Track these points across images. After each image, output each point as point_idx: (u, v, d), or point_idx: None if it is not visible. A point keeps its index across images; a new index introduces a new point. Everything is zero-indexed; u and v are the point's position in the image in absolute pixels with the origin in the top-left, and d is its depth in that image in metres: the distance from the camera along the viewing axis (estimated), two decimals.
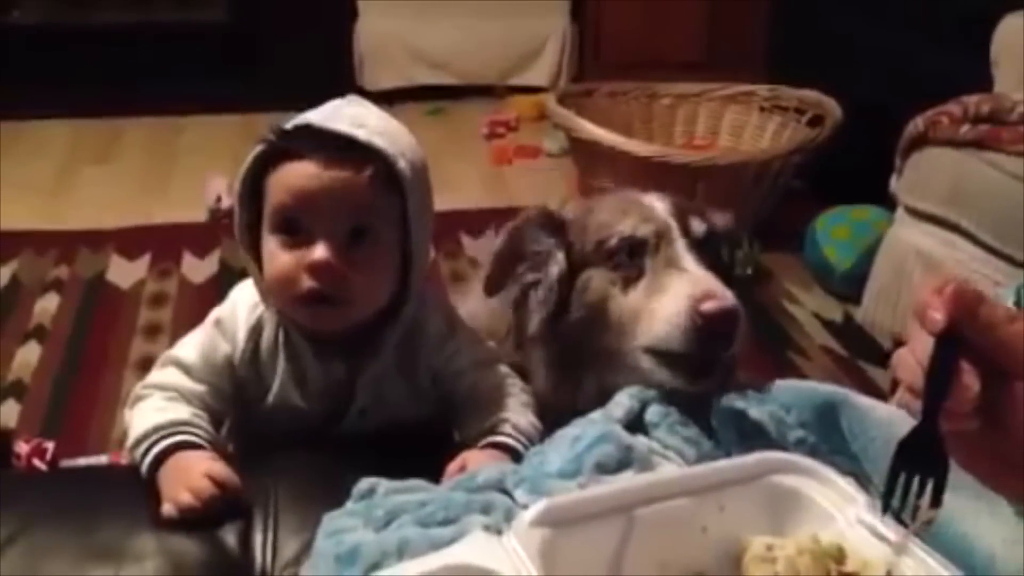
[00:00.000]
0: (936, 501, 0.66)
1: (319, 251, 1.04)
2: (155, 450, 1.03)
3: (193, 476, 1.00)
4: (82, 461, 1.86)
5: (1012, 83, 2.29)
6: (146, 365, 1.77)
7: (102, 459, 1.87)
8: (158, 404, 1.09)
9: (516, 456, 1.05)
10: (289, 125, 1.08)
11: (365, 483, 0.91)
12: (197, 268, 2.79)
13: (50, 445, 1.82)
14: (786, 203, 2.93)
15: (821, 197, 2.90)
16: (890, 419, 0.87)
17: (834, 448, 0.95)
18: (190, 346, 1.14)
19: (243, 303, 1.16)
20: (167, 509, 0.99)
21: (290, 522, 0.99)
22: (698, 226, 1.15)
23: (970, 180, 2.15)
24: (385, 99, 3.33)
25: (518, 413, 1.14)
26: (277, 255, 1.07)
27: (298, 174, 1.05)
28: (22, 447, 1.79)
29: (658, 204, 1.17)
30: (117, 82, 3.77)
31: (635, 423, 0.97)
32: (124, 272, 2.76)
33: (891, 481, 0.67)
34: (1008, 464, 0.67)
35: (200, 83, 3.77)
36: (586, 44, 4.08)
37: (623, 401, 0.97)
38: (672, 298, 1.06)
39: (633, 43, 3.94)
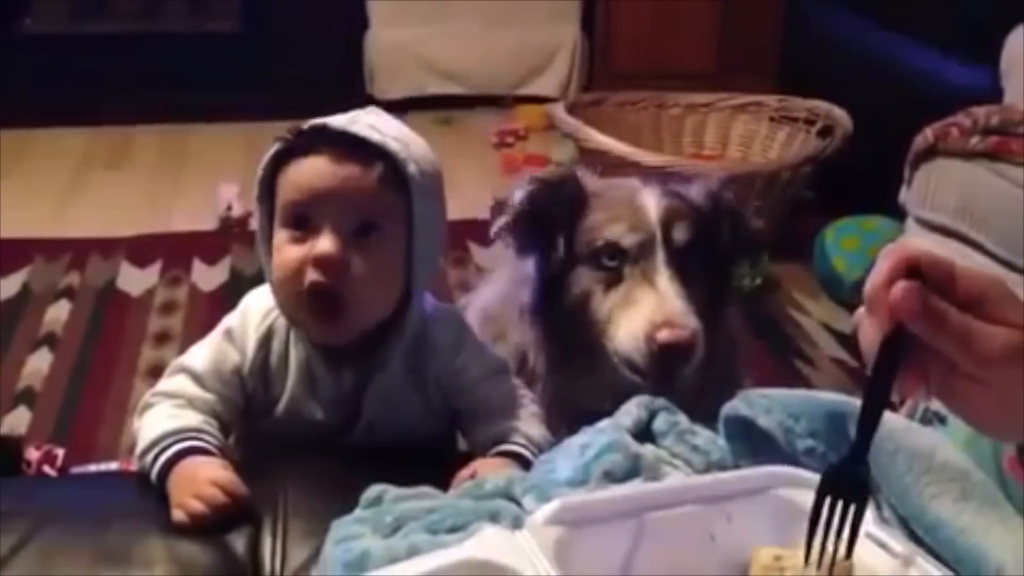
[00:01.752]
0: (850, 548, 0.66)
1: (323, 243, 1.05)
2: (165, 456, 1.04)
3: (201, 483, 1.00)
4: (92, 468, 1.86)
5: (1021, 95, 2.28)
6: (156, 373, 1.78)
7: (112, 466, 1.87)
8: (168, 411, 1.10)
9: (525, 464, 1.06)
10: (306, 126, 1.10)
11: (373, 490, 0.91)
12: (207, 276, 2.79)
13: (60, 452, 1.82)
14: (795, 213, 2.92)
15: (830, 207, 2.89)
16: (899, 428, 0.86)
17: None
18: (200, 355, 1.15)
19: (255, 311, 1.16)
20: (177, 515, 0.99)
21: (299, 528, 1.00)
22: (681, 235, 1.20)
23: (980, 191, 2.14)
24: (395, 108, 3.34)
25: (527, 423, 1.14)
26: (284, 249, 1.08)
27: (308, 169, 1.07)
28: (32, 454, 1.79)
29: (651, 206, 1.20)
30: (128, 90, 3.78)
31: (643, 432, 0.97)
32: (135, 280, 2.76)
33: (815, 513, 0.67)
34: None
35: (211, 92, 3.78)
36: (596, 54, 4.08)
37: (632, 410, 0.97)
38: (637, 316, 1.17)
39: (643, 53, 3.94)
